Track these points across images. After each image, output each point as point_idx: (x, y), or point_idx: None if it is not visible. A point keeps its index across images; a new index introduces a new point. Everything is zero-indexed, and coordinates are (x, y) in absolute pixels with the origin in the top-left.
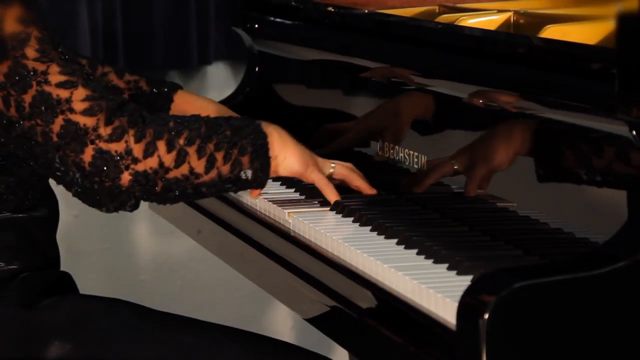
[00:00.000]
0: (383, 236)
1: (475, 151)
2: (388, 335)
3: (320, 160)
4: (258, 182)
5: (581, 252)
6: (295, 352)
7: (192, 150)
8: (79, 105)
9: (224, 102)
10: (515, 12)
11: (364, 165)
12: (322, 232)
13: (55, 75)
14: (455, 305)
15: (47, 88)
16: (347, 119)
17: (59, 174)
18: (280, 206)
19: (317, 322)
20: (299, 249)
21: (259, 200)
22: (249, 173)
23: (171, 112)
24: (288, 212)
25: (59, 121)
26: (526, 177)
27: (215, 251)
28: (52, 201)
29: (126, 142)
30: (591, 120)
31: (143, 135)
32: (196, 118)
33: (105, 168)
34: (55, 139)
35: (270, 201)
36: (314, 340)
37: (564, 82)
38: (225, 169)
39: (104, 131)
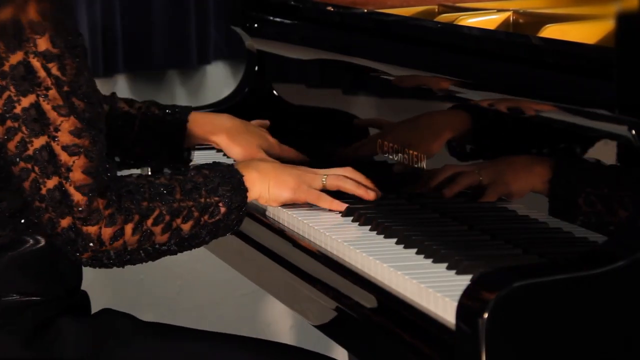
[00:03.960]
0: (382, 235)
1: (476, 152)
2: (387, 334)
3: (309, 176)
4: (231, 230)
5: (580, 251)
6: (299, 354)
7: (158, 229)
8: (76, 175)
9: (223, 101)
10: (515, 12)
11: (362, 163)
12: (321, 231)
13: (66, 134)
14: (455, 304)
15: (54, 145)
16: (347, 118)
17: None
18: (279, 205)
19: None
20: (298, 248)
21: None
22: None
23: (187, 135)
24: (287, 212)
25: (53, 182)
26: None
27: (215, 251)
28: None
29: (100, 228)
30: (591, 120)
31: (114, 221)
32: (173, 186)
33: (73, 242)
34: (43, 191)
35: None
36: (314, 339)
37: (563, 82)
38: (192, 231)
39: (84, 213)
